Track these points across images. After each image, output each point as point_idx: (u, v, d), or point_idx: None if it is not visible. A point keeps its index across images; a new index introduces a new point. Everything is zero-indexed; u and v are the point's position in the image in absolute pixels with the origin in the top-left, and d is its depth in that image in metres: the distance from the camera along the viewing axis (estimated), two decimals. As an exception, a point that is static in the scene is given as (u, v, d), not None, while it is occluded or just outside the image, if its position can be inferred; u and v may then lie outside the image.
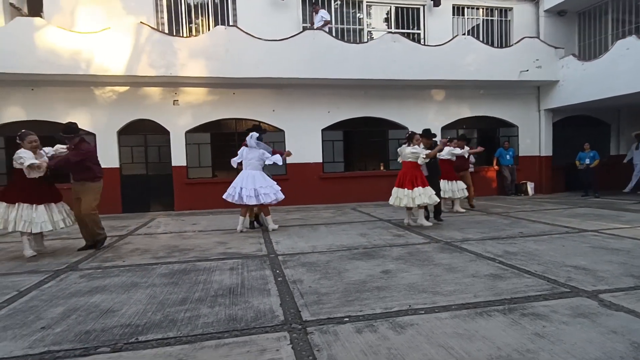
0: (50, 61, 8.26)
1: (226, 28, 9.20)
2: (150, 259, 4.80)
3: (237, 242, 5.70)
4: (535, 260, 4.30)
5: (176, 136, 9.77)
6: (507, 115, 11.68)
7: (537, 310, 2.91)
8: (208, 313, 2.99)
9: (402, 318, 2.81)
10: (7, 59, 8.06)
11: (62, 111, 9.13)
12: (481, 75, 10.40)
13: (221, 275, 4.01)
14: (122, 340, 2.57)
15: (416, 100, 10.97)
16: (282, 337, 2.56)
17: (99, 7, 9.35)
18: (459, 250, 4.90)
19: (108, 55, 8.52)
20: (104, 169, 8.22)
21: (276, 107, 10.20)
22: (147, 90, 9.57)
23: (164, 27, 9.87)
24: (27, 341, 2.58)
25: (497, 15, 11.92)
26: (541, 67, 10.73)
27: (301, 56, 9.31)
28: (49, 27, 8.33)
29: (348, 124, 10.72)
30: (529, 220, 7.00)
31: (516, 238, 5.55)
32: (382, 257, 4.63)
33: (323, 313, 2.94)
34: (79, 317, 2.99)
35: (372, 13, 11.30)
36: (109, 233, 6.73)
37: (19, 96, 8.97)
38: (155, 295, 3.44)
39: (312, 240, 5.75)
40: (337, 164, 10.80)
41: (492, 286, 3.47)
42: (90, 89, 9.29)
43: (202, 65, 8.94)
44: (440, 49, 10.15)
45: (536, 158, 11.89)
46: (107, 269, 4.40)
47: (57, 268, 4.45)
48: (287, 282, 3.75)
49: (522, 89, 11.54)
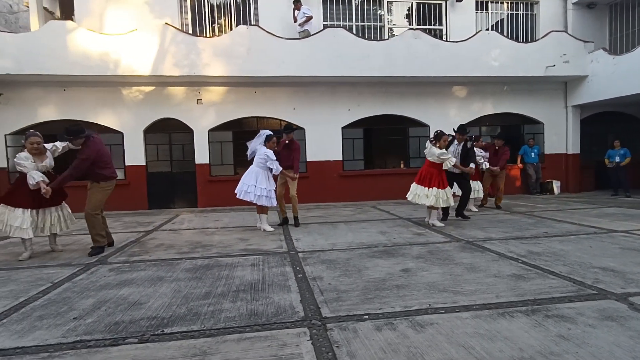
0: (81, 63, 8.59)
1: (248, 27, 9.31)
2: (174, 254, 4.95)
3: (258, 239, 5.80)
4: (561, 261, 4.20)
5: (199, 134, 9.98)
6: (532, 111, 11.36)
7: (562, 312, 2.85)
8: (230, 307, 3.07)
9: (422, 317, 2.81)
10: (42, 61, 8.43)
11: (92, 110, 9.49)
12: (505, 71, 10.16)
13: (243, 271, 4.09)
14: (149, 331, 2.67)
15: (437, 97, 10.82)
16: (302, 332, 2.61)
17: (126, 9, 9.63)
18: (480, 249, 4.83)
19: (135, 56, 8.78)
20: (131, 167, 8.45)
21: (297, 105, 10.26)
22: (171, 89, 9.81)
23: (187, 28, 10.08)
24: (60, 330, 2.72)
25: (522, 9, 11.59)
26: (569, 61, 10.38)
27: (322, 54, 9.34)
28: (79, 29, 8.66)
29: (368, 121, 10.68)
30: (554, 220, 6.81)
31: (540, 238, 5.42)
32: (402, 255, 4.62)
33: (342, 310, 2.97)
34: (108, 308, 3.12)
35: (392, 10, 11.20)
36: (136, 229, 6.99)
37: (53, 96, 9.36)
38: (179, 289, 3.55)
39: (332, 237, 5.78)
40: (357, 162, 10.79)
41: (514, 287, 3.41)
42: (118, 89, 9.60)
43: (225, 65, 9.09)
44: (463, 45, 9.97)
45: (562, 156, 11.54)
46: (135, 263, 4.57)
47: (88, 261, 4.65)
48: (307, 278, 3.80)
49: (548, 84, 11.20)
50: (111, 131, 9.63)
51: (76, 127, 5.01)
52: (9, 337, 2.64)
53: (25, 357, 2.37)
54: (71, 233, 6.48)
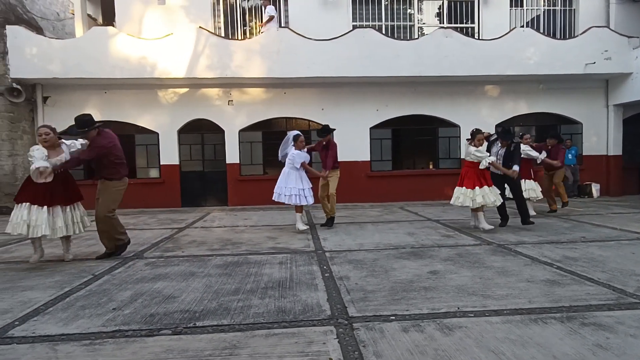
0: (120, 66, 9.01)
1: (278, 30, 9.46)
2: (206, 251, 5.11)
3: (286, 238, 5.88)
4: (599, 267, 4.02)
5: (230, 134, 10.22)
6: (570, 111, 10.88)
7: (599, 320, 2.74)
8: (259, 304, 3.15)
9: (450, 320, 2.78)
10: (85, 66, 8.90)
11: (130, 112, 9.92)
12: (541, 69, 9.78)
13: (271, 269, 4.18)
14: (182, 324, 2.79)
15: (469, 97, 10.57)
16: (329, 331, 2.64)
17: (163, 14, 10.00)
18: (512, 253, 4.69)
19: (171, 59, 9.11)
20: (166, 166, 8.70)
21: (325, 106, 10.32)
22: (204, 91, 10.10)
23: (220, 31, 10.35)
24: (100, 320, 2.89)
25: (560, 4, 11.12)
26: (611, 58, 9.87)
27: (351, 55, 9.34)
28: (120, 34, 9.09)
29: (396, 121, 10.57)
30: (593, 224, 6.51)
31: (577, 243, 5.20)
32: (430, 257, 4.56)
33: (369, 310, 2.98)
34: (144, 301, 3.28)
35: (423, 9, 11.04)
36: (170, 225, 7.25)
37: (95, 98, 9.86)
38: (210, 285, 3.67)
39: (359, 238, 5.78)
40: (385, 162, 10.71)
41: (548, 292, 3.31)
42: (155, 90, 9.98)
43: (255, 66, 9.28)
44: (496, 43, 9.69)
45: (603, 157, 10.98)
46: (169, 258, 4.76)
47: (126, 256, 4.88)
48: (334, 278, 3.83)
49: (587, 82, 10.69)
50: (147, 132, 10.03)
51: (87, 117, 4.59)
52: (55, 324, 2.83)
53: (70, 343, 2.54)
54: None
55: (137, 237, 6.09)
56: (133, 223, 7.51)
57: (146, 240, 5.85)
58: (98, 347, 2.48)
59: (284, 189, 6.26)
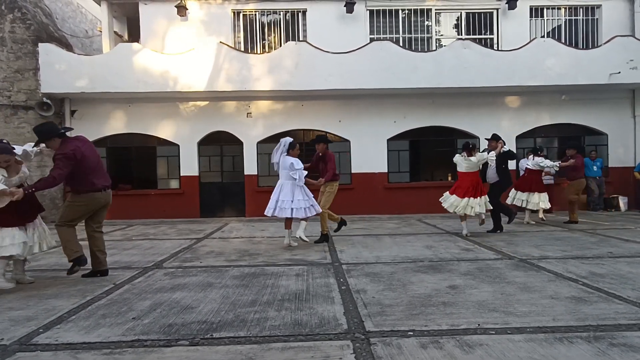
0: (144, 80, 9.33)
1: (296, 43, 9.63)
2: (223, 262, 5.15)
3: (303, 250, 5.87)
4: (629, 285, 3.85)
5: (248, 146, 10.36)
6: (595, 122, 10.60)
7: (630, 340, 2.61)
8: (275, 316, 3.14)
9: (470, 337, 2.71)
10: (111, 80, 9.26)
11: (153, 124, 10.20)
12: (564, 80, 9.60)
13: (287, 281, 4.17)
14: (199, 335, 2.80)
15: (489, 108, 10.44)
16: (345, 345, 2.61)
17: (185, 30, 10.33)
18: (535, 268, 4.55)
19: (192, 74, 9.38)
20: (186, 177, 8.77)
21: (342, 118, 10.37)
22: (223, 104, 10.31)
23: (240, 45, 10.59)
24: (121, 329, 2.93)
25: (582, 14, 10.94)
26: (637, 68, 9.61)
27: (369, 67, 9.39)
28: (144, 50, 9.43)
29: (414, 133, 10.52)
30: (621, 239, 6.26)
31: (604, 258, 5.01)
32: (449, 271, 4.47)
33: (387, 325, 2.93)
34: (163, 310, 3.32)
35: (441, 20, 11.04)
36: (189, 236, 7.36)
37: (119, 111, 10.19)
38: (227, 296, 3.69)
39: (376, 250, 5.73)
40: (403, 174, 10.63)
41: (574, 310, 3.19)
42: (176, 104, 10.25)
43: (274, 80, 9.44)
44: (516, 54, 9.58)
45: (630, 170, 10.59)
46: (187, 268, 4.81)
47: (145, 265, 4.97)
48: (351, 291, 3.79)
49: (612, 92, 10.41)
50: (169, 143, 10.28)
51: (46, 126, 4.18)
52: (77, 332, 2.89)
53: (90, 352, 2.58)
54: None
55: (157, 247, 6.20)
56: (153, 233, 7.67)
57: (165, 251, 5.94)
58: (118, 356, 2.51)
59: (275, 202, 5.80)
